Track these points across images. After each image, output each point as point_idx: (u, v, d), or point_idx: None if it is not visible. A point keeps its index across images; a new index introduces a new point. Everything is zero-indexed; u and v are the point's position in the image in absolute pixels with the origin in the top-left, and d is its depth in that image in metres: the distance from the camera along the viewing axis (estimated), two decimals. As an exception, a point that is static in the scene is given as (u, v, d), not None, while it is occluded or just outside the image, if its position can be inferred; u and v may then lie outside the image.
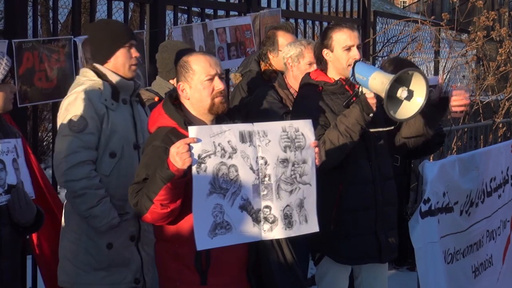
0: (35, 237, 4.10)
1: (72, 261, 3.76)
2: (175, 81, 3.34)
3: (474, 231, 4.48)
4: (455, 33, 8.53)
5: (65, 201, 3.87)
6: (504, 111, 8.57)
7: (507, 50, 8.30)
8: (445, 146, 6.16)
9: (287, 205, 2.96)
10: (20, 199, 3.02)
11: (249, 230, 2.89)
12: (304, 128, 3.04)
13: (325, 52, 3.89)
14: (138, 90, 3.92)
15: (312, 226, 3.04)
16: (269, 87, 4.55)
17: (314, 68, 4.16)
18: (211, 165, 2.80)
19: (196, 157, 2.77)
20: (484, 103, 8.41)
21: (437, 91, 3.84)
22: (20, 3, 4.49)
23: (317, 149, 3.05)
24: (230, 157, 2.84)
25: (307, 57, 4.41)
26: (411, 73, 3.56)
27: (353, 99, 3.71)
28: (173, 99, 3.20)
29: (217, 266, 3.05)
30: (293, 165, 2.97)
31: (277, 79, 4.60)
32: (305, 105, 3.89)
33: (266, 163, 2.91)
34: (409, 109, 3.57)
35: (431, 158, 5.77)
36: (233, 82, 5.21)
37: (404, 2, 34.97)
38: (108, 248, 3.74)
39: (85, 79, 3.77)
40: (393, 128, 3.82)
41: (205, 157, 2.79)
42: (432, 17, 8.80)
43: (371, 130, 3.77)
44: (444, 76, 8.42)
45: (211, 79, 3.12)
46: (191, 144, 2.77)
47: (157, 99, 4.29)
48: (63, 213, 3.88)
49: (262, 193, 2.91)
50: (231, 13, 6.45)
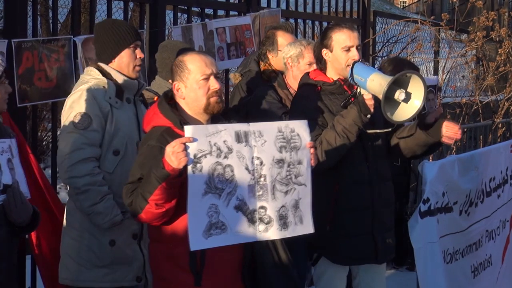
0: (34, 237, 4.10)
1: (74, 258, 3.77)
2: (175, 81, 3.35)
3: (474, 231, 4.48)
4: (454, 33, 8.52)
5: (66, 200, 3.87)
6: (503, 111, 8.57)
7: (507, 51, 8.29)
8: (445, 146, 6.14)
9: (283, 206, 2.94)
10: (16, 199, 3.01)
11: (244, 230, 2.87)
12: (300, 128, 3.02)
13: (325, 52, 3.89)
14: (142, 89, 3.95)
15: (307, 227, 3.02)
16: (268, 87, 4.54)
17: (314, 68, 4.16)
18: (206, 165, 2.78)
19: (191, 156, 2.76)
20: (483, 103, 8.40)
21: (432, 116, 3.84)
22: (20, 2, 4.49)
23: (312, 150, 3.04)
24: (225, 157, 2.83)
25: (306, 57, 4.41)
26: (409, 75, 3.56)
27: (351, 100, 3.71)
28: (168, 98, 3.18)
29: (211, 267, 3.03)
30: (288, 165, 2.96)
31: (276, 79, 4.60)
32: (303, 105, 3.88)
33: (261, 163, 2.90)
34: (406, 111, 3.57)
35: (430, 158, 5.76)
36: (232, 82, 5.21)
37: (403, 2, 34.96)
38: (111, 245, 3.75)
39: (90, 77, 3.79)
40: (390, 130, 3.82)
41: (201, 156, 2.78)
42: (432, 17, 8.80)
43: (369, 131, 3.77)
44: (444, 76, 8.42)
45: (207, 78, 3.10)
46: (187, 144, 2.75)
47: (156, 98, 4.29)
48: (65, 211, 3.89)
49: (257, 193, 2.89)
50: (231, 13, 6.44)
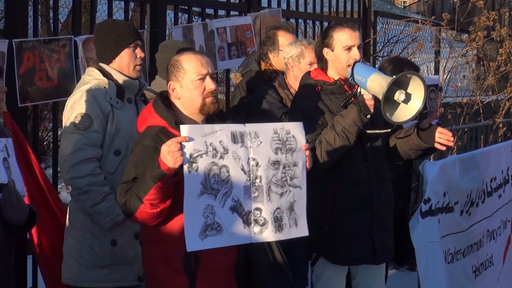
0: (35, 237, 4.10)
1: (76, 258, 3.78)
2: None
3: (475, 231, 4.47)
4: (455, 33, 8.53)
5: (67, 200, 3.89)
6: (504, 111, 8.57)
7: (508, 50, 8.30)
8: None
9: (278, 208, 2.92)
10: (12, 198, 3.01)
11: (240, 232, 2.85)
12: (295, 130, 3.00)
13: (326, 51, 3.88)
14: (143, 89, 3.95)
15: (302, 230, 3.01)
16: (269, 87, 4.54)
17: (315, 68, 4.16)
18: (202, 165, 2.76)
19: (187, 156, 2.74)
20: (484, 103, 8.41)
21: (427, 121, 3.84)
22: (20, 2, 4.49)
23: (307, 152, 3.02)
24: (221, 157, 2.81)
25: (307, 57, 4.41)
26: (409, 76, 3.55)
27: (351, 100, 3.70)
28: (163, 98, 3.14)
29: (206, 269, 2.99)
30: (284, 167, 2.94)
31: (277, 79, 4.60)
32: (303, 105, 3.87)
33: (257, 164, 2.88)
34: (406, 112, 3.56)
35: (431, 158, 5.76)
36: (233, 82, 5.21)
37: (404, 2, 34.93)
38: (112, 245, 3.76)
39: (91, 78, 3.80)
40: (389, 130, 3.81)
41: (197, 156, 2.76)
42: (433, 17, 8.80)
43: (368, 132, 3.76)
44: (445, 76, 8.42)
45: (203, 78, 3.07)
46: (182, 143, 2.73)
47: (155, 98, 4.30)
48: (68, 211, 3.90)
49: (253, 195, 2.87)
50: (232, 13, 6.44)
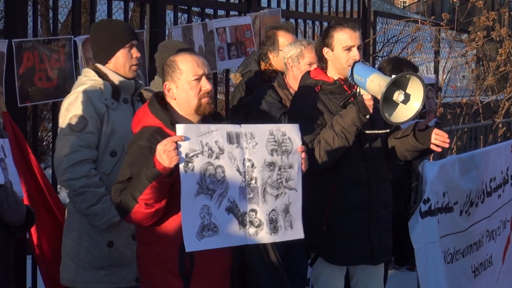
0: (35, 237, 4.11)
1: (74, 259, 3.78)
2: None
3: (474, 231, 4.47)
4: (455, 33, 8.53)
5: (66, 200, 3.88)
6: (504, 111, 8.58)
7: (507, 50, 8.30)
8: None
9: (273, 210, 2.91)
10: (9, 199, 3.01)
11: (236, 233, 2.84)
12: (291, 132, 3.00)
13: (326, 50, 3.88)
14: (139, 89, 3.95)
15: (297, 233, 3.00)
16: (268, 87, 4.54)
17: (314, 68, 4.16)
18: (198, 164, 2.76)
19: (183, 155, 2.72)
20: (484, 103, 8.41)
21: (424, 123, 3.83)
22: (20, 2, 4.49)
23: (303, 155, 3.01)
24: (217, 157, 2.80)
25: (307, 57, 4.41)
26: (408, 77, 3.55)
27: (350, 100, 3.70)
28: (159, 98, 3.13)
29: (201, 271, 2.98)
30: (279, 169, 2.93)
31: (276, 79, 4.60)
32: (301, 105, 3.87)
33: (253, 165, 2.87)
34: (405, 112, 3.56)
35: (431, 158, 5.77)
36: (233, 82, 5.21)
37: (404, 2, 34.94)
38: (109, 247, 3.76)
39: (87, 79, 3.80)
40: (388, 131, 3.81)
41: (193, 156, 2.75)
42: (432, 17, 8.80)
43: (367, 132, 3.76)
44: (444, 76, 8.42)
45: (199, 79, 3.05)
46: (178, 143, 2.72)
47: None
48: (66, 212, 3.90)
49: (248, 196, 2.86)
50: (231, 13, 6.44)
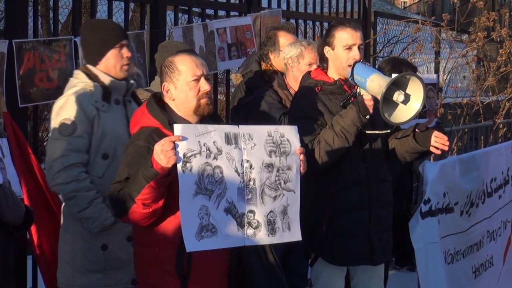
0: (35, 237, 4.11)
1: (69, 263, 3.76)
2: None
3: (475, 231, 4.47)
4: (455, 34, 8.53)
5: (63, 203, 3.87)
6: (504, 111, 8.58)
7: (508, 51, 8.30)
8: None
9: (271, 211, 2.90)
10: (7, 198, 3.01)
11: (234, 234, 2.83)
12: (290, 134, 2.99)
13: (327, 49, 3.88)
14: (131, 89, 3.88)
15: (295, 235, 2.99)
16: (268, 87, 4.54)
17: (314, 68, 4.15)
18: (196, 164, 2.74)
19: (181, 155, 2.71)
20: (484, 103, 8.42)
21: (424, 124, 3.83)
22: (20, 3, 4.49)
23: (302, 156, 3.00)
24: (215, 158, 2.78)
25: (307, 57, 4.41)
26: (408, 77, 3.55)
27: (351, 100, 3.70)
28: (157, 99, 3.11)
29: (198, 271, 2.97)
30: (277, 170, 2.92)
31: (276, 80, 4.59)
32: (301, 105, 3.86)
33: (251, 166, 2.86)
34: (405, 113, 3.56)
35: (431, 159, 5.76)
36: (234, 83, 5.20)
37: (404, 2, 34.93)
38: (103, 250, 3.72)
39: (77, 81, 3.75)
40: (389, 131, 3.81)
41: (190, 156, 2.73)
42: (433, 17, 8.80)
43: (367, 132, 3.75)
44: (445, 76, 8.43)
45: (197, 79, 3.04)
46: (176, 142, 2.71)
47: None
48: (62, 215, 3.88)
49: (246, 197, 2.85)
50: (232, 13, 6.44)
